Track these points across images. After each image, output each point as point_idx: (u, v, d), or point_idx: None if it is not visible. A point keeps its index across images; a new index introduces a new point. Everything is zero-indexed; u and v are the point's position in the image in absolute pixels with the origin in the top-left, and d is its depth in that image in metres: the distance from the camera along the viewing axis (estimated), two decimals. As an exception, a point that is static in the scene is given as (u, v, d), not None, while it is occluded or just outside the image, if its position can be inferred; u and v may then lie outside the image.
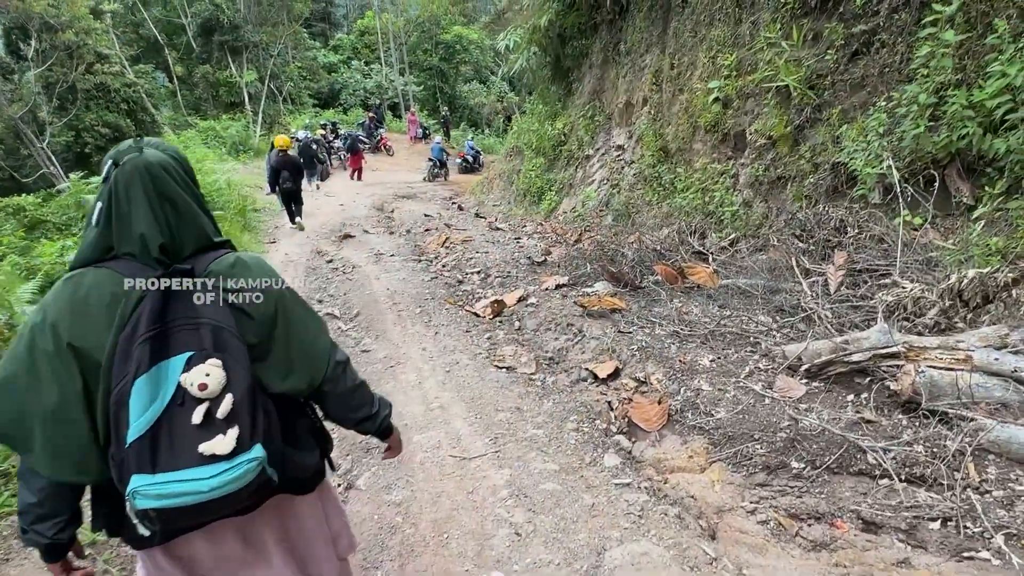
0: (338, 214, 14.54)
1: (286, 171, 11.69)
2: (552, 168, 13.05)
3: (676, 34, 9.26)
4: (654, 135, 9.50)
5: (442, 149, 24.35)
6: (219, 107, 30.03)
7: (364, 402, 1.73)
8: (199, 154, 14.85)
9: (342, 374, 1.64)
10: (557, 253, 8.67)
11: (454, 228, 11.70)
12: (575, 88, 13.41)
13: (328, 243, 10.65)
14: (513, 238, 10.41)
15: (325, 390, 1.60)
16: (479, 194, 18.47)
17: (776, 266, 5.54)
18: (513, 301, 6.16)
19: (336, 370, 1.61)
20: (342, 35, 41.53)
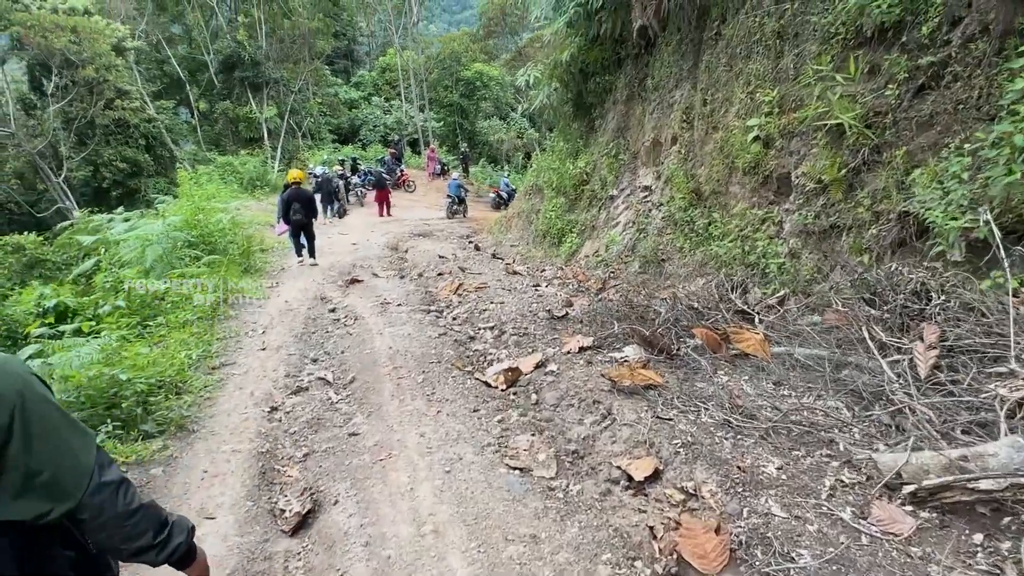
0: (350, 254, 13.93)
1: (298, 203, 11.59)
2: (573, 209, 12.35)
3: (709, 68, 8.58)
4: (685, 176, 8.77)
5: (460, 185, 23.88)
6: (239, 142, 30.00)
7: (143, 530, 1.50)
8: (209, 190, 14.37)
9: (110, 499, 1.43)
10: (579, 305, 7.89)
11: (468, 272, 11.00)
12: (598, 125, 12.78)
13: (334, 288, 9.97)
14: (531, 285, 9.65)
15: (82, 518, 1.40)
16: (497, 233, 17.82)
17: (839, 333, 4.71)
18: (530, 367, 5.36)
19: (100, 495, 1.41)
20: (364, 72, 41.75)
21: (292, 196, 11.55)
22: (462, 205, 24.14)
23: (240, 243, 11.23)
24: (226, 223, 10.95)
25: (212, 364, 6.11)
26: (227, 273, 8.91)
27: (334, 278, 10.93)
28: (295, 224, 11.78)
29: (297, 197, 11.57)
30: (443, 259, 12.92)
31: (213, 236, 10.66)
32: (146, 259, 8.38)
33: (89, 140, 24.16)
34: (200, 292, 8.05)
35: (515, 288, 9.39)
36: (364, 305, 8.45)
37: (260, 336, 7.19)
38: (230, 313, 8.00)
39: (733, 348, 5.19)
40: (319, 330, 7.45)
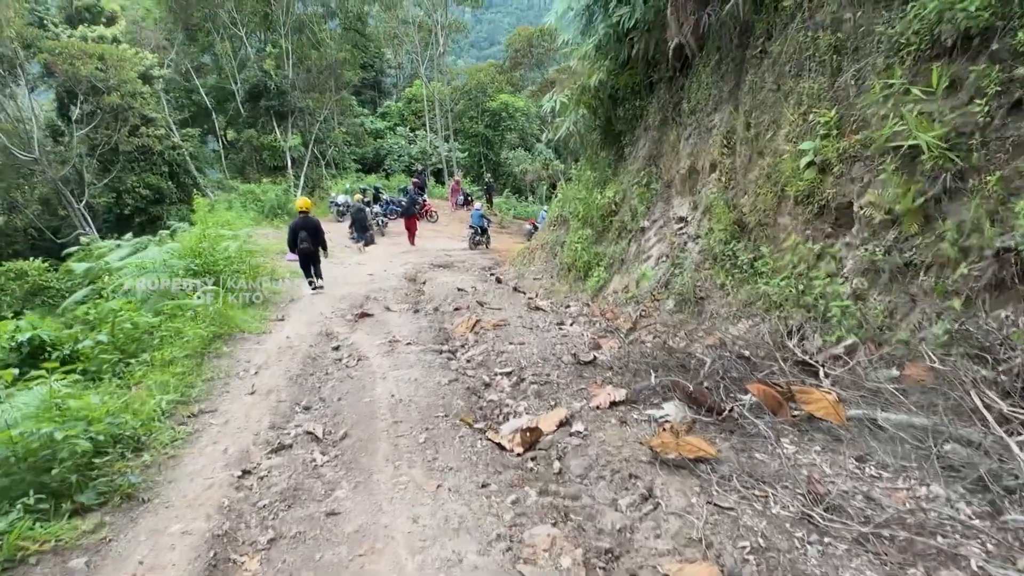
0: (364, 285, 13.27)
1: (304, 232, 11.45)
2: (601, 241, 11.56)
3: (753, 89, 7.81)
4: (726, 206, 7.95)
5: (483, 216, 23.32)
6: (263, 171, 29.90)
7: None
8: (220, 217, 13.90)
9: None
10: (609, 348, 7.05)
11: (487, 307, 10.23)
12: (627, 153, 12.06)
13: (342, 323, 9.26)
14: (555, 323, 8.85)
15: None
16: (520, 265, 17.08)
17: (931, 395, 3.82)
18: (552, 426, 4.53)
19: None
20: (390, 103, 41.85)
21: (299, 224, 11.43)
22: (484, 236, 23.55)
23: (247, 273, 10.60)
24: (233, 251, 10.33)
25: (190, 411, 5.38)
26: (225, 305, 8.23)
27: (344, 311, 10.23)
28: (302, 253, 11.65)
29: (304, 225, 11.41)
30: (462, 292, 12.20)
31: (218, 265, 10.05)
32: (139, 289, 7.74)
33: (112, 167, 24.12)
34: (192, 326, 7.37)
35: (537, 326, 8.59)
36: (371, 343, 7.70)
37: (251, 377, 6.46)
38: (224, 350, 7.30)
39: (797, 409, 4.31)
40: (318, 371, 6.70)
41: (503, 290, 13.27)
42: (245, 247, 11.09)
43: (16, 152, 21.11)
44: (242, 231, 11.78)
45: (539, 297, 12.65)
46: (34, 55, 21.19)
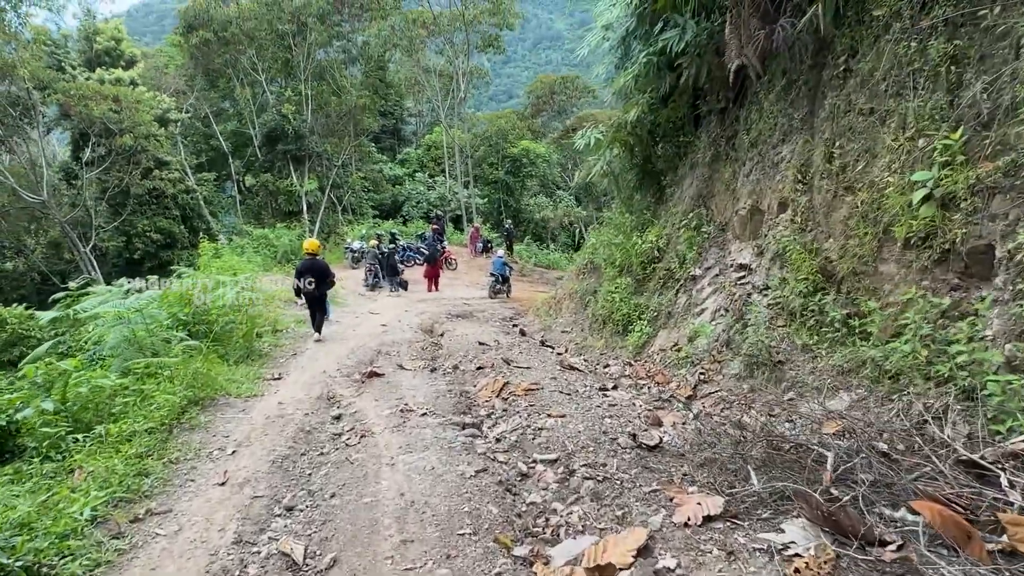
0: (376, 337, 12.02)
1: (310, 275, 10.97)
2: (642, 291, 10.26)
3: (835, 114, 6.60)
4: (805, 251, 6.65)
5: (504, 263, 22.15)
6: (278, 216, 29.19)
7: None
8: (225, 262, 12.89)
9: None
10: (671, 423, 5.69)
11: (515, 365, 8.91)
12: (669, 194, 10.88)
13: (347, 384, 7.98)
14: (597, 387, 7.50)
15: None
16: (545, 316, 15.78)
17: None
18: (627, 556, 3.17)
19: None
20: (410, 150, 41.44)
21: (305, 267, 10.96)
22: (506, 285, 22.35)
23: (243, 323, 9.40)
24: (228, 299, 9.16)
25: (133, 513, 4.08)
26: (207, 363, 6.98)
27: (351, 368, 8.96)
28: (307, 296, 11.12)
29: (310, 268, 10.95)
30: (484, 347, 10.92)
31: (211, 314, 8.87)
32: (107, 343, 6.55)
33: (123, 210, 23.41)
34: (165, 389, 6.12)
35: (576, 391, 7.25)
36: (378, 412, 6.38)
37: (226, 459, 5.16)
38: (199, 420, 6.02)
39: (993, 540, 2.92)
40: (311, 450, 5.38)
41: (529, 345, 11.97)
42: (244, 294, 9.90)
43: (24, 194, 20.45)
44: (242, 277, 10.62)
45: (570, 353, 11.33)
46: (49, 95, 20.71)
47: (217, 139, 31.58)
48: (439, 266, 21.72)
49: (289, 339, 10.99)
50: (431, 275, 21.27)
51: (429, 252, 21.78)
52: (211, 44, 28.66)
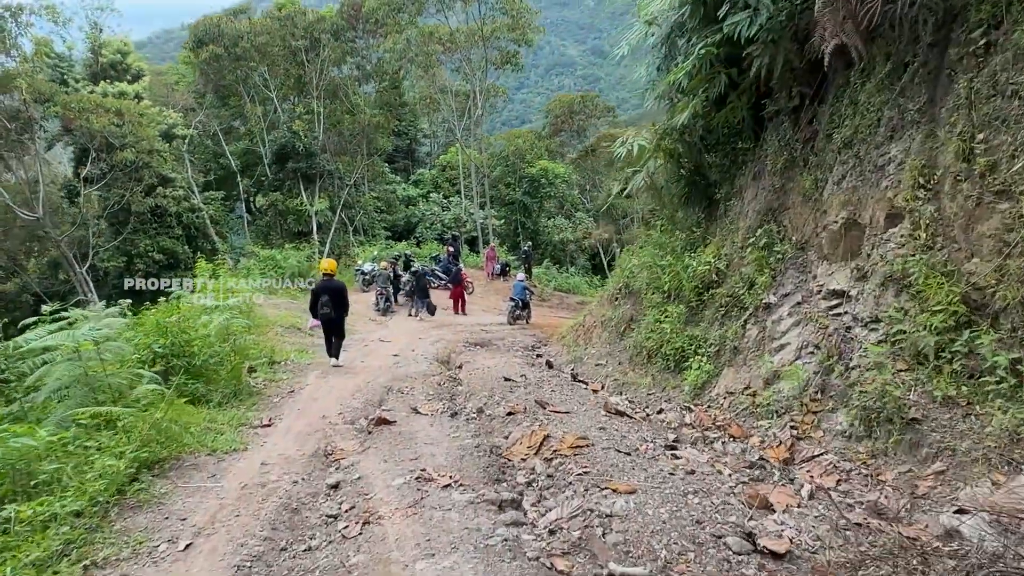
0: (387, 370, 10.60)
1: (327, 296, 10.32)
2: (697, 320, 8.76)
3: (972, 100, 5.16)
4: (937, 273, 5.17)
5: (525, 287, 20.73)
6: (287, 236, 28.01)
7: None
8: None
9: None
10: (784, 505, 4.19)
11: (550, 408, 7.43)
12: (726, 208, 9.45)
13: (350, 434, 6.53)
14: (660, 444, 6.00)
15: None
16: (572, 345, 14.29)
17: None
18: None
19: None
20: (423, 170, 40.37)
21: (322, 288, 10.41)
22: (526, 310, 20.90)
23: (229, 357, 8.00)
24: (213, 328, 7.78)
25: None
26: (173, 411, 5.55)
27: (356, 411, 7.52)
28: (323, 319, 10.49)
29: (327, 289, 10.35)
30: (510, 384, 9.44)
31: (193, 346, 7.47)
32: (46, 386, 5.16)
33: (124, 228, 22.27)
34: (115, 448, 4.70)
35: (636, 449, 5.76)
36: (387, 481, 4.90)
37: (172, 559, 3.70)
38: (151, 492, 4.58)
39: None
40: (294, 544, 3.92)
41: (560, 380, 10.49)
42: (235, 321, 8.52)
43: (19, 211, 19.35)
44: (233, 300, 9.26)
45: (609, 390, 9.86)
46: (48, 108, 19.70)
47: (227, 157, 30.60)
48: (463, 288, 20.82)
49: (288, 372, 9.58)
50: (457, 296, 20.47)
51: (453, 273, 20.50)
52: (222, 60, 27.77)
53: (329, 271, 10.79)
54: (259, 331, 11.93)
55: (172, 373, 7.13)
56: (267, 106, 30.79)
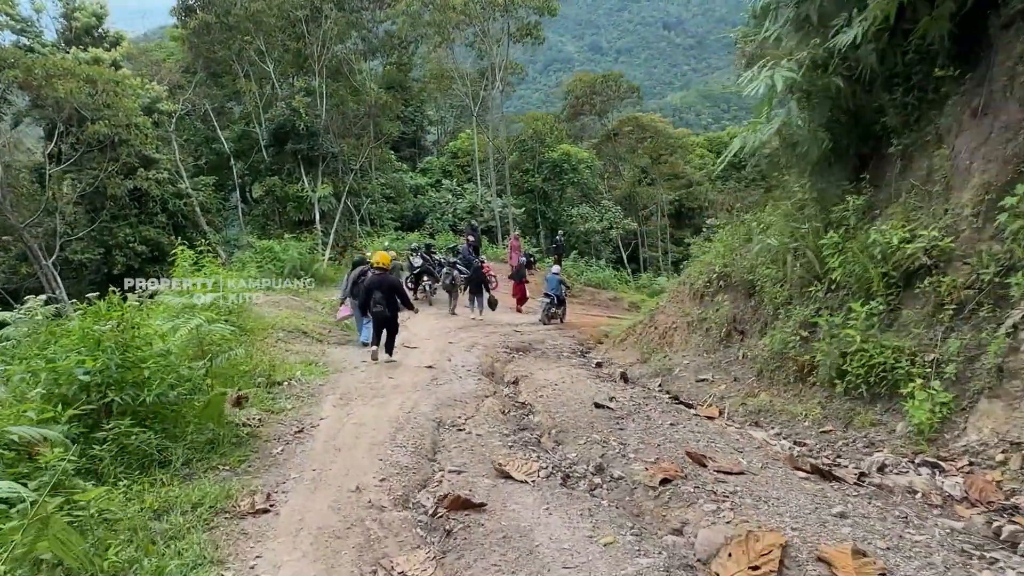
0: (425, 391, 7.83)
1: (380, 292, 9.44)
2: (904, 323, 5.92)
3: None
4: None
5: (561, 282, 17.96)
6: (285, 225, 25.14)
7: None
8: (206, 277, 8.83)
9: None
10: None
11: (715, 466, 4.67)
12: (909, 163, 6.65)
13: (408, 536, 3.76)
14: (958, 549, 3.21)
15: None
16: (644, 351, 11.51)
17: None
18: None
19: None
20: (431, 158, 37.45)
21: (375, 283, 9.51)
22: (562, 307, 18.12)
23: (204, 384, 5.17)
24: (177, 341, 4.98)
25: None
26: (60, 536, 2.72)
27: (407, 476, 4.75)
28: (376, 317, 9.60)
29: (380, 285, 9.48)
30: (605, 411, 6.69)
31: (144, 369, 4.64)
32: None
33: (99, 214, 19.40)
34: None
35: (933, 565, 2.95)
36: None
37: None
38: None
39: None
40: None
41: (656, 401, 7.76)
42: (215, 328, 5.69)
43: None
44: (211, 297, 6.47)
45: (734, 418, 7.10)
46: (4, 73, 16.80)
47: (220, 142, 27.64)
48: (526, 282, 19.14)
49: (293, 399, 6.77)
50: (520, 294, 19.05)
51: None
52: (212, 30, 24.83)
53: (383, 265, 9.73)
54: (254, 337, 9.13)
55: (109, 415, 4.36)
56: (264, 84, 27.85)
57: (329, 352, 10.07)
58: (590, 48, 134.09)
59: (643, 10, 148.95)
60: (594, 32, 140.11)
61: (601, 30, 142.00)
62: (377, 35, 29.76)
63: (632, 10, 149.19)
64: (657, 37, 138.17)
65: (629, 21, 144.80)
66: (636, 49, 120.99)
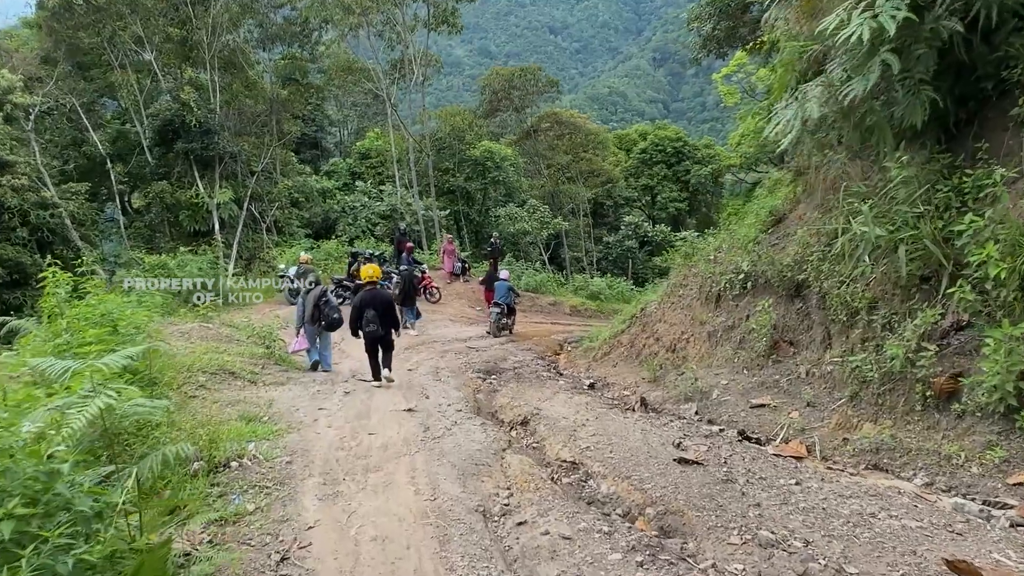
0: (428, 455, 5.74)
1: (373, 310, 8.54)
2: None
3: None
4: None
5: (511, 288, 16.13)
6: (178, 237, 21.68)
7: None
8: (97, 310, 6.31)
9: None
10: None
11: None
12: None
13: None
14: None
15: None
16: (649, 368, 9.82)
17: None
18: None
19: None
20: (337, 159, 34.38)
21: (367, 301, 8.62)
22: (511, 317, 16.31)
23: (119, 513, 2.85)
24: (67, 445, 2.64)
25: None
26: None
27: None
28: (369, 337, 8.64)
29: (372, 302, 8.61)
30: (705, 473, 4.88)
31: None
32: None
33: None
34: None
35: None
36: None
37: None
38: None
39: None
40: None
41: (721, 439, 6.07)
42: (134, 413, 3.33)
43: None
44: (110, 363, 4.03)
45: (842, 457, 5.47)
46: None
47: (91, 144, 23.58)
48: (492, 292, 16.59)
49: (254, 493, 4.45)
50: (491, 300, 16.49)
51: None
52: (76, 11, 21.02)
53: (374, 278, 9.10)
54: (168, 388, 6.60)
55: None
56: (143, 77, 24.08)
57: (272, 398, 7.65)
58: (479, 52, 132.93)
59: (529, 15, 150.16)
60: (482, 36, 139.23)
61: (490, 34, 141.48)
62: (275, 22, 26.59)
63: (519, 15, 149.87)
64: (544, 41, 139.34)
65: (516, 25, 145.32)
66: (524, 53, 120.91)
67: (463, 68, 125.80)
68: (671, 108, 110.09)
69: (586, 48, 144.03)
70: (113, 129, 25.86)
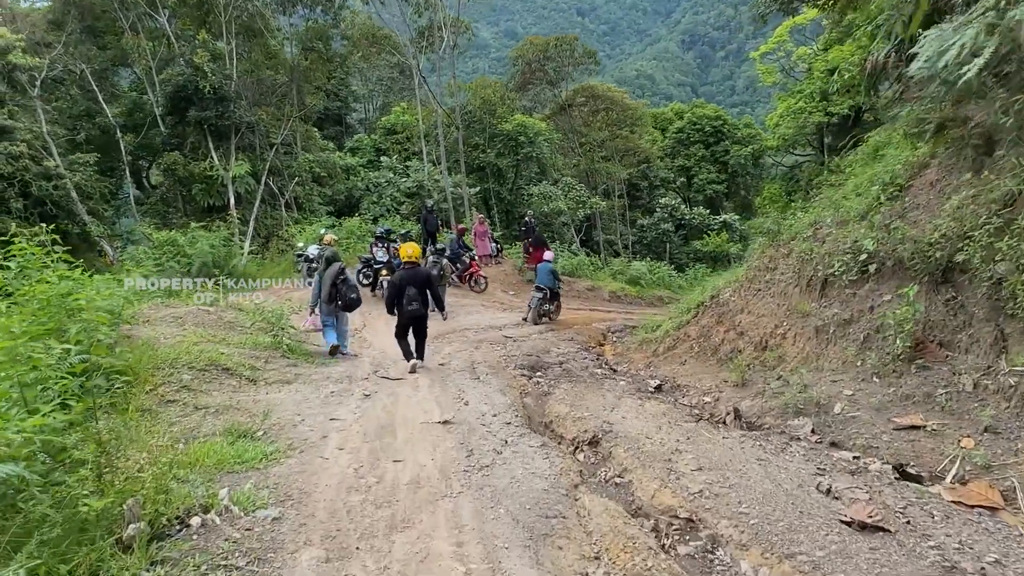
0: (474, 499, 4.09)
1: (414, 288, 8.16)
2: None
3: None
4: None
5: (552, 271, 14.37)
6: (192, 212, 20.27)
7: None
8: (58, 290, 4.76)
9: None
10: None
11: None
12: None
13: None
14: None
15: None
16: (736, 369, 8.01)
17: None
18: None
19: None
20: (361, 135, 32.78)
21: (406, 279, 8.18)
22: (555, 303, 14.60)
23: None
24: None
25: None
26: None
27: None
28: (408, 316, 8.16)
29: (414, 279, 8.18)
30: (890, 545, 3.14)
31: None
32: None
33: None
34: None
35: None
36: None
37: None
38: None
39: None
40: None
41: (877, 481, 4.33)
42: None
43: None
44: None
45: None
46: None
47: (104, 115, 22.28)
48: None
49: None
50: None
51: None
52: (84, -32, 19.70)
53: (413, 258, 8.45)
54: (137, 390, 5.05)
55: None
56: (158, 44, 22.66)
57: (272, 401, 6.07)
58: (506, 34, 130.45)
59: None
60: (509, 18, 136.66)
61: (516, 16, 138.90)
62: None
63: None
64: (571, 23, 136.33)
65: (543, 7, 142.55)
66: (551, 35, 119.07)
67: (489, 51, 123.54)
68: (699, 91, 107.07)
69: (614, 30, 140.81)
70: (129, 100, 24.56)
